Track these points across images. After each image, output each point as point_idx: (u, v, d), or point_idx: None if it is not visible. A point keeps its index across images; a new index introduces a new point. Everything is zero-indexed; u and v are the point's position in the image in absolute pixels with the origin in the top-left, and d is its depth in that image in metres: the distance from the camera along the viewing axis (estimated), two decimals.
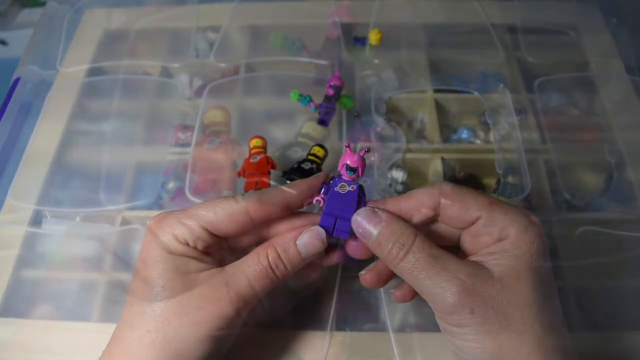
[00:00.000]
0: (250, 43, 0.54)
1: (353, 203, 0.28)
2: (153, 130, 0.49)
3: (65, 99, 0.50)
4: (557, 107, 0.48)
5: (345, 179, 0.29)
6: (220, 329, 0.26)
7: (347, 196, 0.28)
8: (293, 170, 0.40)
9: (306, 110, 0.46)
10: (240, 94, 0.51)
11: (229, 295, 0.27)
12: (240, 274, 0.27)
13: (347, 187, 0.28)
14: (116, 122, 0.48)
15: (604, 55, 0.53)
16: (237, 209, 0.28)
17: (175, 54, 0.54)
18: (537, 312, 0.24)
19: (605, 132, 0.46)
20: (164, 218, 0.28)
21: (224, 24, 0.55)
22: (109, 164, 0.46)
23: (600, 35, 0.54)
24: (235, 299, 0.27)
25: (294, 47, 0.41)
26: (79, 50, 0.54)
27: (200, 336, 0.26)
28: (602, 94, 0.50)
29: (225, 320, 0.26)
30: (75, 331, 0.36)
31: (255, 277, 0.28)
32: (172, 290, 0.26)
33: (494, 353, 0.24)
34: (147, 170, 0.47)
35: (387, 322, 0.35)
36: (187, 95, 0.53)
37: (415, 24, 0.54)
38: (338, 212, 0.28)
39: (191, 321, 0.26)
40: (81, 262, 0.40)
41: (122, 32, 0.55)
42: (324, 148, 0.43)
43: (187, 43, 0.54)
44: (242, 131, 0.48)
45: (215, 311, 0.26)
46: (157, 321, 0.26)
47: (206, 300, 0.26)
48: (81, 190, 0.45)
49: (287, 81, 0.52)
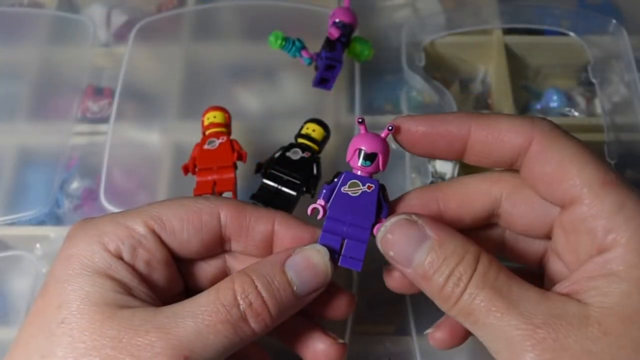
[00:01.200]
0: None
1: (370, 212, 0.29)
2: (46, 96, 0.49)
3: None
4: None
5: (357, 174, 0.29)
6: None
7: (361, 200, 0.29)
8: (274, 163, 0.40)
9: (295, 66, 0.46)
10: (188, 38, 0.52)
11: (162, 349, 0.26)
12: (186, 316, 0.27)
13: (361, 186, 0.29)
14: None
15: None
16: (204, 207, 0.30)
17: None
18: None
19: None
20: (91, 218, 0.30)
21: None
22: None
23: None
24: (173, 356, 0.26)
25: (294, 48, 0.44)
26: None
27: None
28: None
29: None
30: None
31: (210, 324, 0.27)
32: (74, 329, 0.26)
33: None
34: (36, 162, 0.47)
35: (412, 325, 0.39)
36: (102, 39, 0.53)
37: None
38: (346, 228, 0.29)
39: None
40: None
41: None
42: (323, 125, 0.42)
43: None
44: (192, 100, 0.49)
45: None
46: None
47: (121, 354, 0.26)
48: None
49: (263, 17, 0.51)
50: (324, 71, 0.43)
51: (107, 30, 0.54)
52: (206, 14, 0.53)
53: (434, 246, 0.27)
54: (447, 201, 0.30)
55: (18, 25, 0.52)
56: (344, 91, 0.49)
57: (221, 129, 0.41)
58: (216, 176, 0.39)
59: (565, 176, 0.27)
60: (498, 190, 0.30)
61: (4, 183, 0.46)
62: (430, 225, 0.28)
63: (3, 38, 0.51)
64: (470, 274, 0.26)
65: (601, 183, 0.26)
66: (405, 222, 0.28)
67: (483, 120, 0.29)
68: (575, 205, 0.27)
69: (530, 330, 0.25)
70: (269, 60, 0.50)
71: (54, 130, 0.48)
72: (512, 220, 0.30)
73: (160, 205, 0.30)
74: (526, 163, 0.28)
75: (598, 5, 0.52)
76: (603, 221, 0.26)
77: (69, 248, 0.29)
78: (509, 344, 0.25)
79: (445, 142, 0.29)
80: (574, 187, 0.27)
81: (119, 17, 0.54)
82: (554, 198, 0.28)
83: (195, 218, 0.30)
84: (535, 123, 0.28)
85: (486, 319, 0.26)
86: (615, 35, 0.50)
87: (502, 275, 0.27)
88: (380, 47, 0.49)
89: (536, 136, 0.28)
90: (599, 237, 0.26)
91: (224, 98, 0.47)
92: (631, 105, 0.47)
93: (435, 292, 0.27)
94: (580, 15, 0.51)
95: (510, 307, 0.25)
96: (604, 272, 0.26)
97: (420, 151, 0.30)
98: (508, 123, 0.28)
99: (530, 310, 0.25)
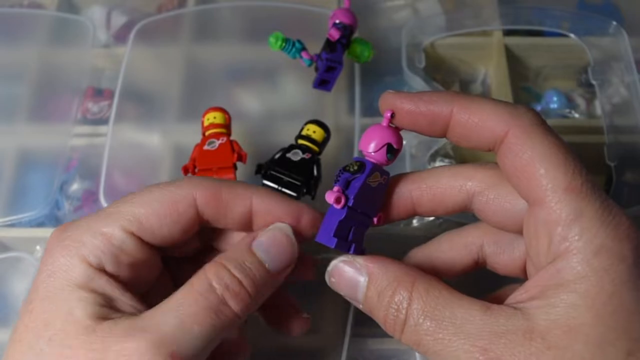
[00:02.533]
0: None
1: (379, 202, 0.30)
2: (46, 97, 0.49)
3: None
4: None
5: (378, 165, 0.30)
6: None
7: (377, 191, 0.30)
8: (274, 164, 0.40)
9: (295, 67, 0.46)
10: (188, 39, 0.52)
11: (148, 349, 0.26)
12: (166, 314, 0.27)
13: (379, 177, 0.30)
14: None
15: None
16: (178, 196, 0.30)
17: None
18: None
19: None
20: (68, 227, 0.30)
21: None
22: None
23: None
24: (160, 355, 0.26)
25: (294, 49, 0.44)
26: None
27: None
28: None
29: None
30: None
31: (191, 313, 0.27)
32: (62, 345, 0.27)
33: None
34: (35, 163, 0.47)
35: None
36: (102, 40, 0.53)
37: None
38: (357, 217, 0.29)
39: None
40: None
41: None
42: (323, 126, 0.42)
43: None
44: (192, 101, 0.49)
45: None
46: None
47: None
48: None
49: (263, 18, 0.51)
50: (324, 72, 0.43)
51: (107, 31, 0.53)
52: (206, 14, 0.53)
53: (368, 283, 0.28)
54: (420, 195, 0.31)
55: (18, 26, 0.52)
56: (344, 92, 0.48)
57: (221, 129, 0.41)
58: (216, 177, 0.38)
59: (533, 174, 0.27)
60: (471, 187, 0.30)
61: (4, 184, 0.45)
62: (365, 262, 0.29)
63: (3, 39, 0.51)
64: (407, 303, 0.27)
65: (565, 187, 0.26)
66: (342, 265, 0.29)
67: (466, 103, 0.28)
68: (538, 207, 0.27)
69: (477, 352, 0.25)
70: (269, 61, 0.50)
71: (53, 132, 0.48)
72: (485, 216, 0.30)
73: (135, 204, 0.29)
74: (500, 152, 0.28)
75: (598, 7, 0.52)
76: (559, 228, 0.26)
77: (49, 264, 0.28)
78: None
79: (428, 121, 0.29)
80: (539, 188, 0.26)
81: (119, 18, 0.54)
82: (521, 193, 0.28)
83: (172, 211, 0.29)
84: (516, 113, 0.28)
85: (435, 347, 0.26)
86: (615, 36, 0.50)
87: (442, 298, 0.27)
88: (380, 48, 0.49)
89: (513, 127, 0.27)
90: (554, 244, 0.26)
91: (224, 99, 0.47)
92: (631, 107, 0.47)
93: (382, 324, 0.28)
94: (580, 17, 0.51)
95: (455, 332, 0.26)
96: (554, 282, 0.26)
97: (403, 126, 0.30)
98: (490, 109, 0.28)
99: (473, 331, 0.25)
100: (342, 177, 0.29)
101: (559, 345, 0.24)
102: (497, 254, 0.32)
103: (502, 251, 0.32)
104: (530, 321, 0.25)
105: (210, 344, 0.28)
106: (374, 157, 0.30)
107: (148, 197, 0.30)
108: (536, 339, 0.25)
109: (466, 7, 0.52)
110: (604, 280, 0.25)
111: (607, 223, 0.25)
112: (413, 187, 0.31)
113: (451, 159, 0.46)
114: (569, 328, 0.25)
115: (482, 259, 0.32)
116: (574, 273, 0.25)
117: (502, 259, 0.32)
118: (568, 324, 0.25)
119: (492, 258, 0.32)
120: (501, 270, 0.32)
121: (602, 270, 0.25)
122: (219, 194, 0.30)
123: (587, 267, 0.25)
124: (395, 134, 0.30)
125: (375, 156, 0.30)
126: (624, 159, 0.45)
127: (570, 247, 0.25)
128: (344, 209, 0.29)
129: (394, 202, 0.31)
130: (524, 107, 0.28)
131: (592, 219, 0.25)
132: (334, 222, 0.29)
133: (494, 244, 0.32)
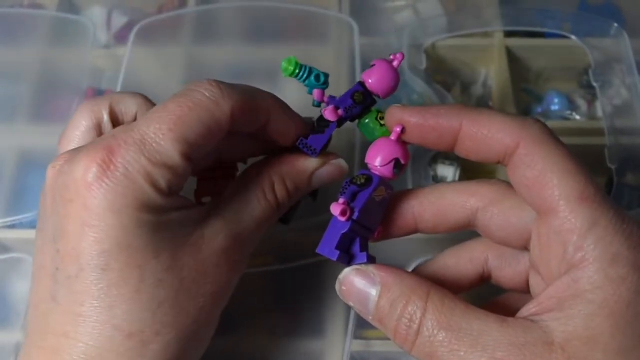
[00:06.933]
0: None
1: (380, 215, 0.30)
2: (47, 98, 0.50)
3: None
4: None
5: (384, 180, 0.30)
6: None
7: (380, 205, 0.30)
8: None
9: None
10: (189, 40, 0.52)
11: (243, 256, 0.32)
12: (247, 218, 0.32)
13: (384, 192, 0.30)
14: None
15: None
16: (221, 117, 0.29)
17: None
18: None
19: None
20: (115, 158, 0.27)
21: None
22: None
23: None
24: (246, 258, 0.32)
25: (308, 81, 0.34)
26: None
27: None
28: None
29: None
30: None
31: (262, 220, 0.32)
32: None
33: None
34: (36, 164, 0.47)
35: None
36: (102, 40, 0.53)
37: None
38: (359, 230, 0.29)
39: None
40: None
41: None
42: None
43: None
44: None
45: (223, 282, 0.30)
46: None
47: (205, 273, 0.29)
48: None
49: (265, 18, 0.51)
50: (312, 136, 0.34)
51: (108, 31, 0.53)
52: (207, 15, 0.53)
53: (381, 292, 0.28)
54: (423, 211, 0.31)
55: (18, 26, 0.52)
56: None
57: None
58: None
59: (546, 185, 0.27)
60: (474, 204, 0.30)
61: (4, 185, 0.45)
62: (378, 272, 0.28)
63: (3, 39, 0.51)
64: (421, 313, 0.27)
65: (578, 197, 0.26)
66: (356, 273, 0.29)
67: (475, 117, 0.29)
68: (551, 216, 0.27)
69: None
70: (270, 62, 0.50)
71: (54, 132, 0.46)
72: (489, 233, 0.30)
73: (181, 124, 0.28)
74: (512, 165, 0.28)
75: (599, 8, 0.52)
76: (575, 237, 0.26)
77: (97, 199, 0.27)
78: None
79: (437, 135, 0.29)
80: (552, 197, 0.26)
81: (120, 19, 0.54)
82: (533, 204, 0.28)
83: (215, 131, 0.29)
84: (526, 125, 0.28)
85: (448, 357, 0.26)
86: (616, 38, 0.50)
87: (458, 310, 0.26)
88: (381, 50, 0.49)
89: (524, 139, 0.27)
90: (569, 253, 0.26)
91: None
92: (632, 109, 0.47)
93: (392, 335, 0.28)
94: (581, 18, 0.51)
95: (472, 344, 0.25)
96: (571, 292, 0.25)
97: (412, 140, 0.30)
98: (499, 122, 0.28)
99: (491, 343, 0.25)
100: (349, 189, 0.29)
101: (578, 356, 0.24)
102: (502, 268, 0.32)
103: (507, 265, 0.32)
104: (548, 333, 0.25)
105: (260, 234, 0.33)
106: (381, 171, 0.30)
107: (191, 117, 0.28)
108: (557, 350, 0.25)
109: (467, 8, 0.52)
110: (620, 289, 0.25)
111: (621, 232, 0.25)
112: (415, 203, 0.31)
113: (452, 162, 0.46)
114: (588, 339, 0.24)
115: (488, 273, 0.32)
116: (591, 282, 0.25)
117: (507, 273, 0.32)
118: (587, 335, 0.24)
119: (497, 272, 0.32)
120: (506, 284, 0.32)
121: (619, 279, 0.25)
122: (252, 104, 0.31)
123: (604, 277, 0.25)
124: (403, 149, 0.30)
125: (382, 170, 0.30)
126: (625, 161, 0.45)
127: (586, 256, 0.25)
128: (347, 222, 0.28)
129: (396, 217, 0.31)
130: (532, 119, 0.28)
131: (607, 227, 0.25)
132: (336, 235, 0.28)
133: (498, 258, 0.32)
